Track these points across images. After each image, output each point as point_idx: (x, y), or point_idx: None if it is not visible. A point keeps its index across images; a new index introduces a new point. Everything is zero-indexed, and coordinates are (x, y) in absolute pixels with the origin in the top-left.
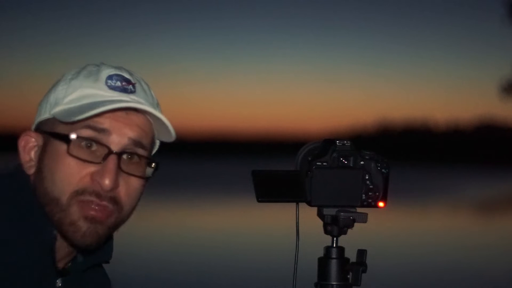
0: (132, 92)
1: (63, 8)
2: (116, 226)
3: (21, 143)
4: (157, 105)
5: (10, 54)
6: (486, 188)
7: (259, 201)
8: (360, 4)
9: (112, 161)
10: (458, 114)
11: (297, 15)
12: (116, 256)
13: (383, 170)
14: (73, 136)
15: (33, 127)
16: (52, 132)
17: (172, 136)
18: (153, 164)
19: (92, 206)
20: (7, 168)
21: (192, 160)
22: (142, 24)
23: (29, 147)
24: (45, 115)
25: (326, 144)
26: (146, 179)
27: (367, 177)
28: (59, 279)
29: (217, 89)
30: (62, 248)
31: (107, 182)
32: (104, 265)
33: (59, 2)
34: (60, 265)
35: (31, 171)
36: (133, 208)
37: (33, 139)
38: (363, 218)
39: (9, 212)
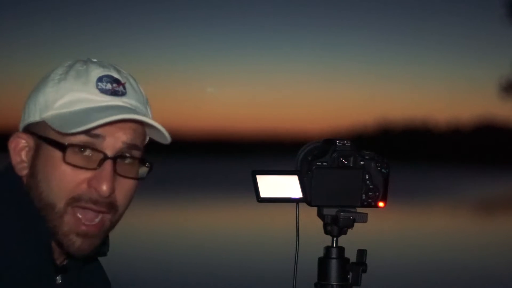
0: (123, 94)
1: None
2: (110, 229)
3: (11, 144)
4: (146, 102)
5: (6, 54)
6: (486, 188)
7: (259, 201)
8: (360, 4)
9: (108, 166)
10: (458, 114)
11: (297, 15)
12: (115, 257)
13: (383, 170)
14: (68, 143)
15: (21, 127)
16: (46, 138)
17: (167, 140)
18: (147, 164)
19: (83, 219)
20: None
21: (192, 160)
22: (139, 22)
23: (19, 148)
24: (34, 117)
25: (326, 144)
26: (140, 179)
27: (367, 177)
28: (59, 276)
29: (217, 89)
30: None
31: (104, 188)
32: (104, 265)
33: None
34: (58, 262)
35: (23, 172)
36: (126, 208)
37: (24, 141)
38: (363, 218)
39: (5, 211)
